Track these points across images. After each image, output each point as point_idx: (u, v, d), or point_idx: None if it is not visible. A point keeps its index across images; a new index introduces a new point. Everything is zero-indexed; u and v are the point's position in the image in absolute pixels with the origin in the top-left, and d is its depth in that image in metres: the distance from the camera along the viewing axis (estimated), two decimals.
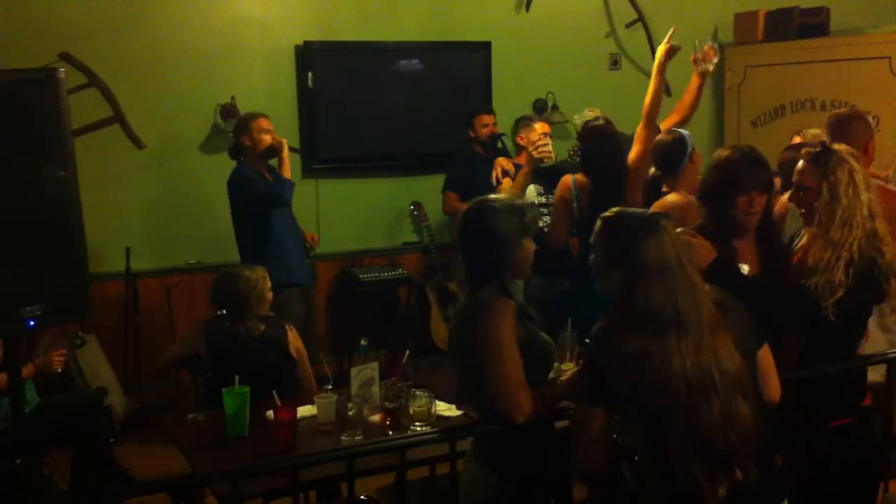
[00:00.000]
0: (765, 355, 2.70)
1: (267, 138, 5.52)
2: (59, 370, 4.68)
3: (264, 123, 5.55)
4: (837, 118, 4.17)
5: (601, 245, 2.63)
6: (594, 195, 4.79)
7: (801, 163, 3.27)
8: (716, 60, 4.95)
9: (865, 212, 3.12)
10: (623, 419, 2.48)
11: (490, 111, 6.58)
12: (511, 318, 2.84)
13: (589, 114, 5.37)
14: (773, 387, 2.74)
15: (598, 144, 4.84)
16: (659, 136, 4.65)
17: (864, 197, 3.15)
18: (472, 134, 6.50)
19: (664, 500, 2.42)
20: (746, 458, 2.40)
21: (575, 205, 4.86)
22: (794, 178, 3.29)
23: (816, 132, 4.37)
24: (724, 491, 2.36)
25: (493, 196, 3.01)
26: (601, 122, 4.94)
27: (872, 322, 3.57)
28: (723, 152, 3.36)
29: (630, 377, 2.39)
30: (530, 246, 2.95)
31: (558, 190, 4.99)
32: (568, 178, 4.91)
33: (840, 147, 3.24)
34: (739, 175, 3.22)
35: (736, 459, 2.38)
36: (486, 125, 6.46)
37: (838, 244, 3.10)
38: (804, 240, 3.34)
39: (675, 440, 2.37)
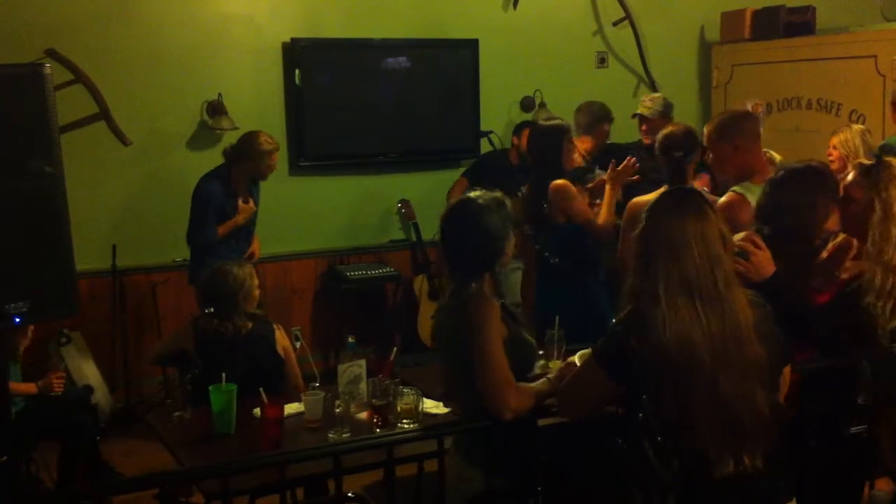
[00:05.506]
0: (785, 373, 2.68)
1: (268, 169, 5.71)
2: (60, 392, 4.70)
3: (274, 158, 5.72)
4: (728, 114, 4.18)
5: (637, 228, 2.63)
6: (531, 194, 4.89)
7: (851, 174, 3.23)
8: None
9: None
10: (647, 396, 2.50)
11: None
12: (495, 317, 2.87)
13: (656, 98, 5.70)
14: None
15: (544, 146, 4.90)
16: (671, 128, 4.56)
17: None
18: (516, 141, 6.63)
19: (676, 476, 2.46)
20: (755, 443, 2.41)
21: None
22: (843, 187, 3.24)
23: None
24: (731, 469, 2.39)
25: (473, 194, 3.02)
26: (553, 121, 5.02)
27: None
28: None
29: (656, 345, 2.41)
30: (515, 236, 3.03)
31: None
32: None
33: (893, 161, 3.15)
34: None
35: (745, 442, 2.40)
36: None
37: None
38: (839, 239, 3.30)
39: (696, 407, 2.39)
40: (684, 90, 7.80)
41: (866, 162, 3.22)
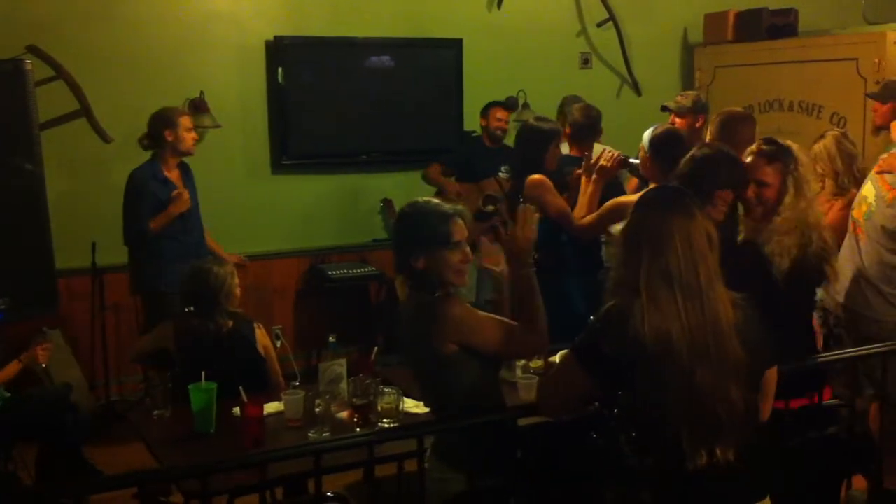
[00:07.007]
0: (770, 378, 2.69)
1: (190, 137, 5.43)
2: (45, 364, 4.64)
3: (189, 122, 5.48)
4: (727, 117, 4.24)
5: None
6: (512, 189, 4.94)
7: (754, 158, 3.38)
8: None
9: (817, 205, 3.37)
10: (624, 392, 2.52)
11: (508, 108, 6.82)
12: (458, 304, 2.91)
13: (688, 94, 5.61)
14: (765, 410, 2.72)
15: (531, 145, 4.91)
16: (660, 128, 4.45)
17: (817, 189, 3.42)
18: (483, 122, 6.77)
19: (653, 471, 2.48)
20: (729, 437, 2.41)
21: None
22: (751, 173, 3.38)
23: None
24: (704, 462, 2.39)
25: (425, 199, 3.05)
26: (544, 123, 5.03)
27: None
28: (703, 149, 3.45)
29: (634, 337, 2.41)
30: (452, 256, 2.94)
31: None
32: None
33: (790, 143, 3.40)
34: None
35: (719, 435, 2.40)
36: (500, 119, 6.72)
37: (798, 233, 3.26)
38: (742, 236, 3.43)
39: (671, 399, 2.40)
40: (667, 92, 7.77)
41: (765, 147, 3.40)
